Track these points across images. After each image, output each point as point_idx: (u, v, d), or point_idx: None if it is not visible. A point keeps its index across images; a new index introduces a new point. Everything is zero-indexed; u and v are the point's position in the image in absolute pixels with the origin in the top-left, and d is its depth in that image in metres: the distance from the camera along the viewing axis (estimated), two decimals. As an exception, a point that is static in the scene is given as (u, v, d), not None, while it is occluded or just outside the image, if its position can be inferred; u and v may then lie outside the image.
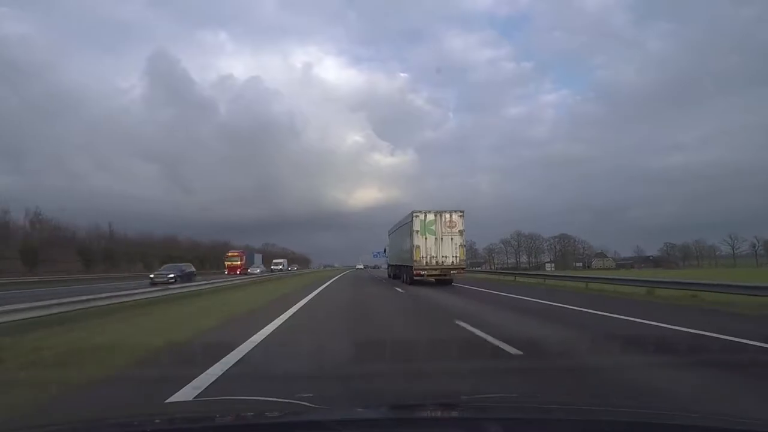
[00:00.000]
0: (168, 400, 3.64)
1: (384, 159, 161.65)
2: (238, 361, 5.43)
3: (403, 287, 21.57)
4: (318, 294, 18.08)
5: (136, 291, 13.58)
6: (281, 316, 10.02)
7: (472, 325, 8.15)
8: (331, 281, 30.29)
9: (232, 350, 5.91)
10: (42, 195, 69.16)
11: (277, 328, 8.35)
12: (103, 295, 10.97)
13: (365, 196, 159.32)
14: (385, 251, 38.48)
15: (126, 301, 11.74)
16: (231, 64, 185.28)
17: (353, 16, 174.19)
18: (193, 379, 4.45)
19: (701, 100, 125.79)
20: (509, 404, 1.88)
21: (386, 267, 38.83)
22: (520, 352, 5.79)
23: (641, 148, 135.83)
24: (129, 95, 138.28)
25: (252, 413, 1.67)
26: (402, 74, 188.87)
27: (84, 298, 10.13)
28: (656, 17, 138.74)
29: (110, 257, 54.75)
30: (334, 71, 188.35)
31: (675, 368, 5.07)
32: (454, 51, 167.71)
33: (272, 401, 2.01)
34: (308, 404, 1.64)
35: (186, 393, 3.99)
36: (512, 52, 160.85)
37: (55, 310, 8.83)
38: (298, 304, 13.44)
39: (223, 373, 4.77)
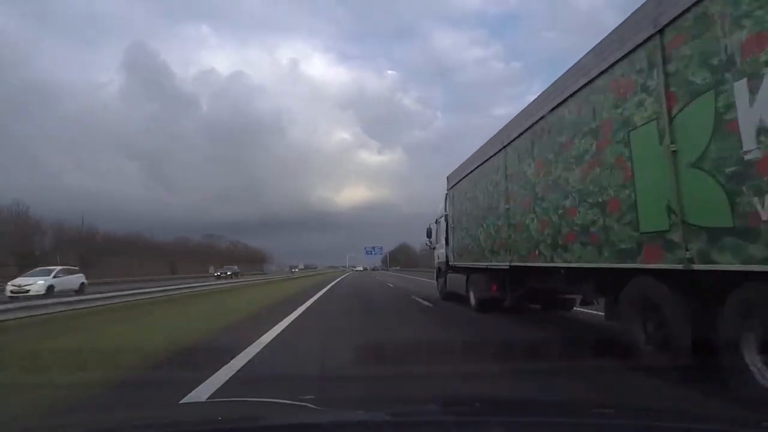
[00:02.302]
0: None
1: (372, 157, 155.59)
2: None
3: None
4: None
5: None
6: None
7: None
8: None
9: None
10: (13, 192, 57.60)
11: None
12: None
13: (353, 195, 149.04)
14: (428, 235, 16.61)
15: None
16: (214, 59, 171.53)
17: (342, 12, 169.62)
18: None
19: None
20: (510, 406, 1.90)
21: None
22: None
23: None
24: (107, 89, 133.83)
25: (264, 415, 1.72)
26: (390, 72, 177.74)
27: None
28: None
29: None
30: (321, 68, 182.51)
31: None
32: (444, 50, 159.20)
33: (287, 404, 1.97)
34: (315, 407, 1.76)
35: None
36: (502, 51, 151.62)
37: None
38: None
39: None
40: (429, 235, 16.25)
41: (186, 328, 7.87)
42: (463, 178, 11.49)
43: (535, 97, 7.28)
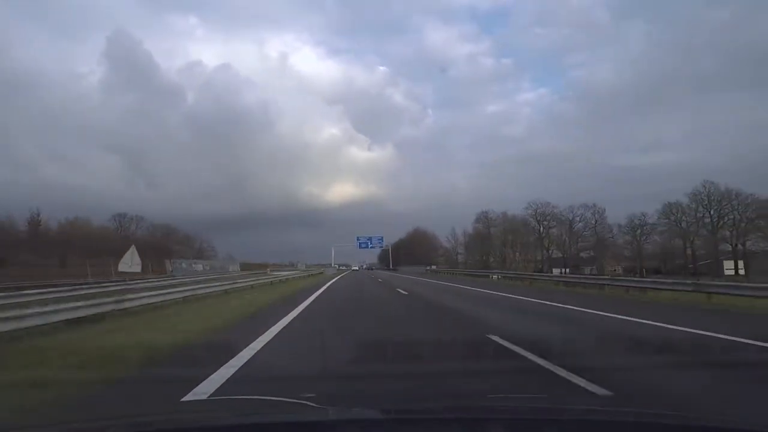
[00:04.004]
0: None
1: (362, 153, 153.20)
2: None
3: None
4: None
5: None
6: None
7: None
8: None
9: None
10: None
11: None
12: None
13: (341, 191, 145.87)
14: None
15: None
16: (200, 51, 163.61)
17: (332, 5, 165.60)
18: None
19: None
20: (511, 404, 1.93)
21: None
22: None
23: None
24: (87, 80, 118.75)
25: (264, 413, 1.71)
26: (381, 68, 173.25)
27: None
28: (635, 17, 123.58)
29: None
30: (311, 62, 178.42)
31: None
32: (435, 46, 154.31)
33: (288, 402, 1.99)
34: (315, 405, 1.71)
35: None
36: (492, 48, 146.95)
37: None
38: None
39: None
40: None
41: None
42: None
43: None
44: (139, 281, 24.21)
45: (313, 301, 13.97)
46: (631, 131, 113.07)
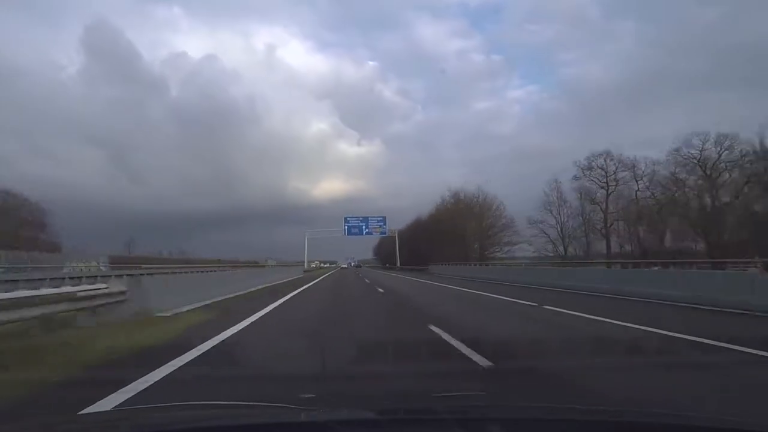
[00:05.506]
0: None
1: (350, 149, 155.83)
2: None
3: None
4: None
5: None
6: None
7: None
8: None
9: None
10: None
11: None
12: None
13: (329, 187, 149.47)
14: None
15: None
16: (185, 42, 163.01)
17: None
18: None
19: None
20: (510, 404, 2.02)
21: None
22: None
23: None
24: (66, 70, 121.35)
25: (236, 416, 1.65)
26: (371, 62, 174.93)
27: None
28: (627, 15, 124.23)
29: None
30: (299, 55, 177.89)
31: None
32: (426, 41, 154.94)
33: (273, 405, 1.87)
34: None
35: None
36: (483, 44, 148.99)
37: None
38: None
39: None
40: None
41: None
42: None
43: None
44: None
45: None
46: (623, 129, 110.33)
